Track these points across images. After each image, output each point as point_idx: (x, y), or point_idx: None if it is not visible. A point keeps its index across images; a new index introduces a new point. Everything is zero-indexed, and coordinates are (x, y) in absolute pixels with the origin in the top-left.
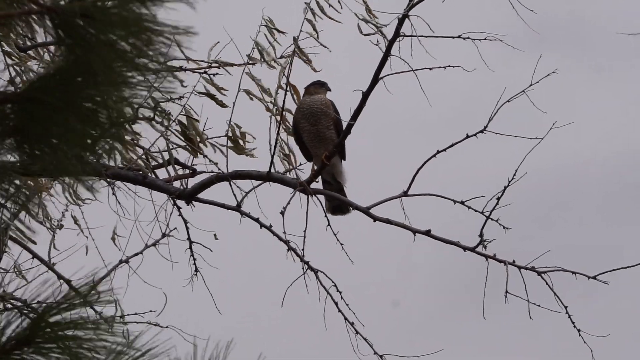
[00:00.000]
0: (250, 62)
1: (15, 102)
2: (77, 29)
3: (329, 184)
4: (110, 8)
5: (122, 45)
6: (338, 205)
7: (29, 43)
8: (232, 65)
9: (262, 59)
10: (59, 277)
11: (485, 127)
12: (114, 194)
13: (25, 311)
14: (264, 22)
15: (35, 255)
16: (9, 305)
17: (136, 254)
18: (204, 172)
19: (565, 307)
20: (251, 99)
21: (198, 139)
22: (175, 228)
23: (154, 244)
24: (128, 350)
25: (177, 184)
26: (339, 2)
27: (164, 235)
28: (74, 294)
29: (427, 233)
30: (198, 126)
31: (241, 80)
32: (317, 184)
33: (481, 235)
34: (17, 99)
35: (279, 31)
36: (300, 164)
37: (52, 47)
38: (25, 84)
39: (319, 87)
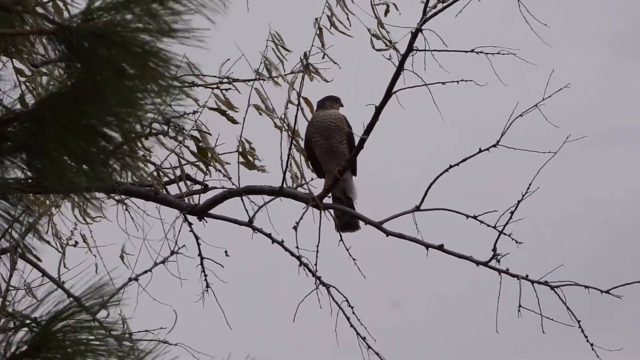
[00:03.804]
0: (261, 78)
1: (24, 121)
2: (87, 49)
3: (339, 200)
4: (122, 32)
5: (130, 69)
6: (348, 222)
7: (40, 59)
8: (242, 81)
9: (269, 76)
10: (69, 295)
11: (498, 142)
12: (126, 209)
13: (31, 325)
14: (272, 37)
15: (45, 274)
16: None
17: (145, 272)
18: (215, 187)
19: (579, 321)
20: (260, 114)
21: (210, 155)
22: (184, 245)
23: (162, 262)
24: (131, 352)
25: (188, 199)
26: (347, 18)
27: (172, 253)
28: (74, 303)
29: (440, 248)
30: (209, 141)
31: (250, 96)
32: (328, 200)
33: (494, 249)
34: (26, 118)
35: (285, 49)
36: (312, 179)
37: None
38: (34, 104)
39: (333, 102)
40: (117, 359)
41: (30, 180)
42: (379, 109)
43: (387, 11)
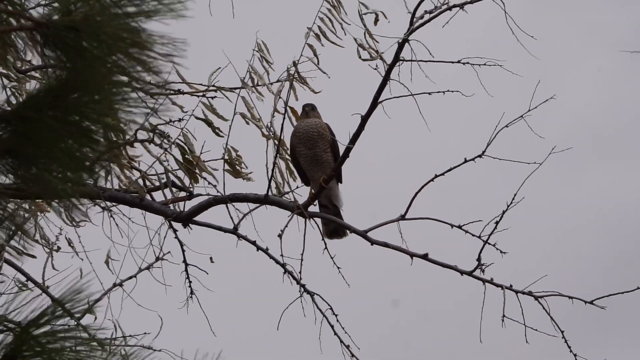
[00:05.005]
0: (244, 87)
1: (8, 121)
2: (67, 44)
3: (325, 208)
4: (100, 23)
5: (112, 59)
6: (335, 229)
7: (27, 66)
8: (228, 89)
9: (253, 85)
10: (52, 299)
11: (484, 152)
12: (111, 216)
13: (9, 326)
14: (258, 47)
15: (29, 278)
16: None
17: (130, 277)
18: (201, 194)
19: (562, 332)
20: (247, 123)
21: (196, 164)
22: (169, 252)
23: (147, 268)
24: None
25: (174, 206)
26: (342, 28)
27: (157, 259)
28: (55, 307)
29: (425, 257)
30: (196, 149)
31: (236, 104)
32: (314, 208)
33: (479, 259)
34: (10, 118)
35: (267, 61)
36: (298, 187)
37: (49, 70)
38: (19, 103)
39: (305, 111)
40: None
41: (15, 186)
42: (364, 119)
43: (376, 20)
